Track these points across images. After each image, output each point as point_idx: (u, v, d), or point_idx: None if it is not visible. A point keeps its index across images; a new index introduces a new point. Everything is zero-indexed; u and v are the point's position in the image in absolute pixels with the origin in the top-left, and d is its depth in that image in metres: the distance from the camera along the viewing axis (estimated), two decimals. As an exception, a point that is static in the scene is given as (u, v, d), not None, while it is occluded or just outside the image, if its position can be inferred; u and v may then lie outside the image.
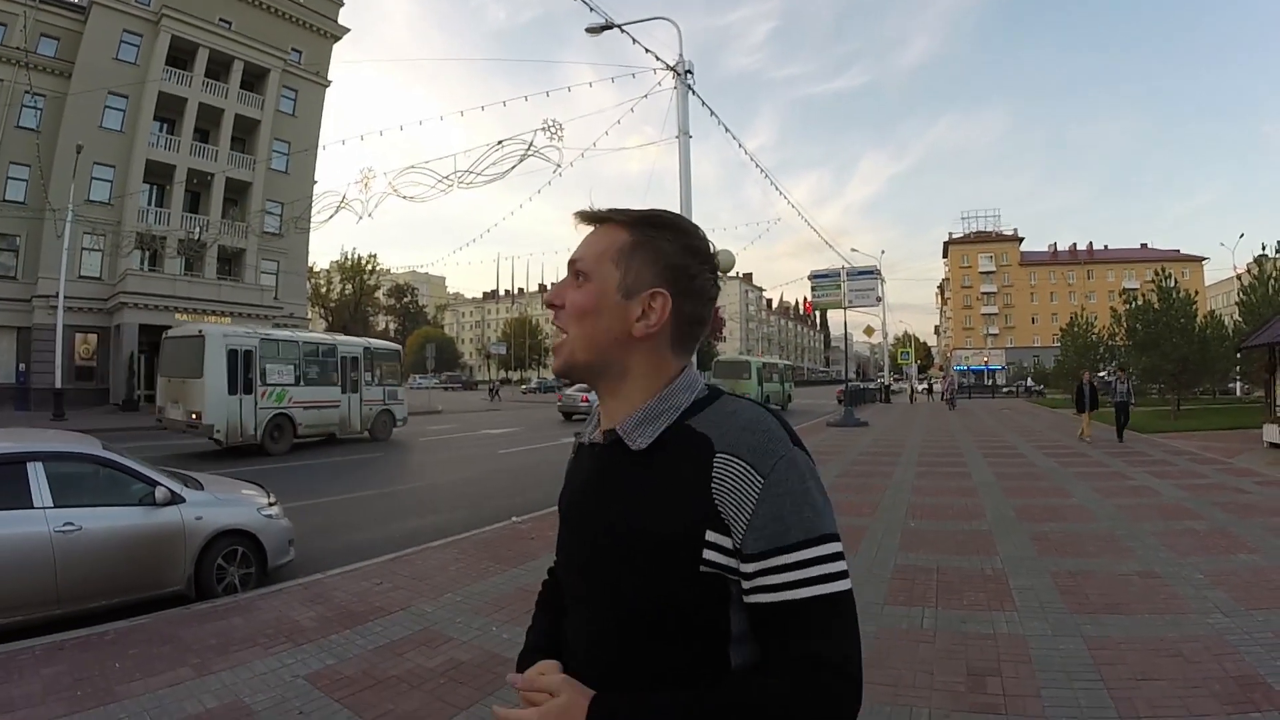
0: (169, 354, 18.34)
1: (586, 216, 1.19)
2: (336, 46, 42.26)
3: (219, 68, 35.55)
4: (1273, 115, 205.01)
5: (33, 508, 5.25)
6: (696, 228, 1.18)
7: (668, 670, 1.04)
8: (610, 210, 1.18)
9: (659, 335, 1.12)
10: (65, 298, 26.85)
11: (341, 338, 22.09)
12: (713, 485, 1.01)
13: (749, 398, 1.16)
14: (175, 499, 5.98)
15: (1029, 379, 72.71)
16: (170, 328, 20.71)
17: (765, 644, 1.01)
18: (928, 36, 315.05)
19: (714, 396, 1.14)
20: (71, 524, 5.33)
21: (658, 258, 1.12)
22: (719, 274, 1.21)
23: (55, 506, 5.34)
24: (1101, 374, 35.26)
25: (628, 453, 1.11)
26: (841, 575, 1.00)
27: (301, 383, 18.65)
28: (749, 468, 1.01)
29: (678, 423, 1.10)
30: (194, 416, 16.24)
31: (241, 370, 17.02)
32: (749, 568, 0.99)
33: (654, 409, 1.11)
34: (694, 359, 1.22)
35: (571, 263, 1.16)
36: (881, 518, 9.21)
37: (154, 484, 5.94)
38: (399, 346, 24.93)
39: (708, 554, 1.01)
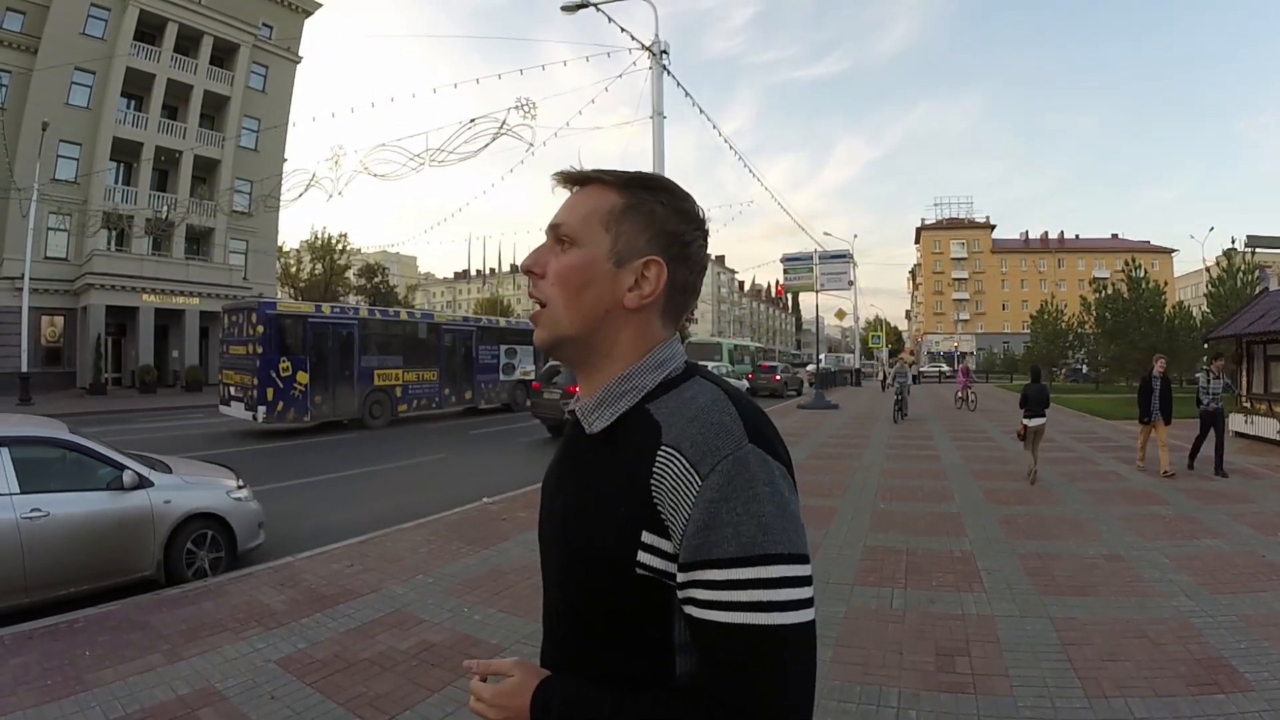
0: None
1: (568, 177, 1.09)
2: (308, 21, 41.44)
3: (188, 43, 34.70)
4: (1243, 113, 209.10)
5: (-2, 493, 5.15)
6: (687, 192, 1.08)
7: (610, 670, 0.98)
8: (595, 170, 1.07)
9: (650, 306, 1.04)
10: (31, 279, 26.12)
11: None
12: (652, 482, 0.91)
13: (721, 381, 1.04)
14: (143, 483, 5.89)
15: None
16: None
17: (698, 661, 0.92)
18: (907, 23, 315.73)
19: (685, 377, 1.03)
20: (39, 510, 5.23)
21: (651, 222, 1.03)
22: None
23: (22, 492, 5.23)
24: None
25: (585, 434, 1.05)
26: (786, 606, 0.87)
27: None
28: (688, 466, 0.90)
29: (638, 406, 1.01)
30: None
31: None
32: (681, 577, 0.90)
33: (615, 389, 1.03)
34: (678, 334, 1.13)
35: (554, 226, 1.06)
36: (851, 499, 9.32)
37: (121, 468, 5.85)
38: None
39: (643, 556, 0.92)
